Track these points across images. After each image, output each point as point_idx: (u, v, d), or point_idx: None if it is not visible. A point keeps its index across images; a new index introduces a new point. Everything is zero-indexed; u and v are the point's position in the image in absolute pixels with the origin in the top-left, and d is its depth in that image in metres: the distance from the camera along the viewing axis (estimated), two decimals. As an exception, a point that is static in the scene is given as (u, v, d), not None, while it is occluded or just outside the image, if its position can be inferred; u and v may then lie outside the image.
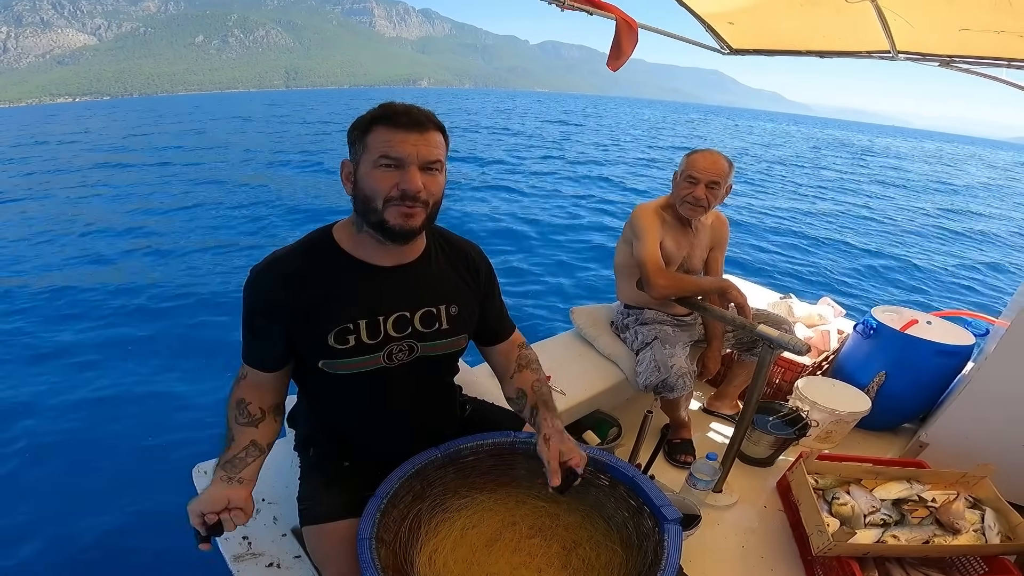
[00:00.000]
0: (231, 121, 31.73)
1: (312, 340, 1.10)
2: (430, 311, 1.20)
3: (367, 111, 1.05)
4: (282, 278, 1.09)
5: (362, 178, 1.04)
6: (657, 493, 1.16)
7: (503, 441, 1.31)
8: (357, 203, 1.08)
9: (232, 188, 11.72)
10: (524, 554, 1.18)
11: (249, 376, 1.16)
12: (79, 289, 5.75)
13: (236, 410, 1.14)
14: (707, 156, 2.04)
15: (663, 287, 1.99)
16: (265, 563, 1.37)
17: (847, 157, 27.38)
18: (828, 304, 3.17)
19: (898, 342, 2.33)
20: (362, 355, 1.13)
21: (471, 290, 1.30)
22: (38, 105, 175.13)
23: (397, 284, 1.16)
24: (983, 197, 17.23)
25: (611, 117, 46.83)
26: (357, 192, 1.06)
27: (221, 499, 1.03)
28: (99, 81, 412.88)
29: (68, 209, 9.74)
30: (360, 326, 1.12)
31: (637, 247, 2.07)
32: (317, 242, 1.14)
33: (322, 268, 1.11)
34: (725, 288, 2.01)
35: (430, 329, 1.21)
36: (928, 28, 1.92)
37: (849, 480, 1.90)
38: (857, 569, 1.52)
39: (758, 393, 1.76)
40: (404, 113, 1.01)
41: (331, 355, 1.11)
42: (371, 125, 1.02)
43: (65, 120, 36.94)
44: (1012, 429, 2.04)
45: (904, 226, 11.27)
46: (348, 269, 1.13)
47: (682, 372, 2.05)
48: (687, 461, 2.17)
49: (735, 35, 2.39)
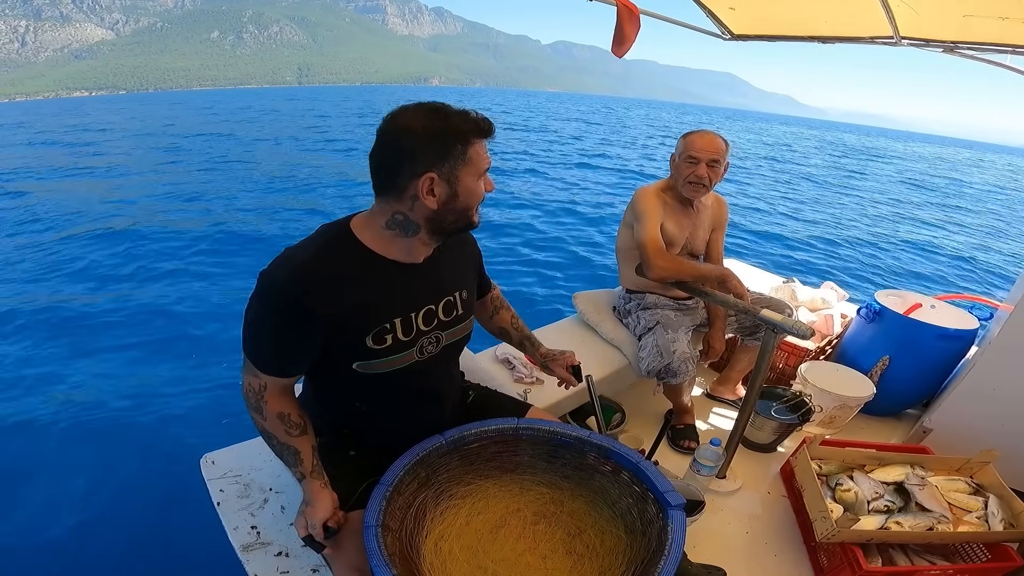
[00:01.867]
0: (268, 114, 32.98)
1: (350, 343, 1.09)
2: (449, 299, 1.23)
3: (439, 123, 1.00)
4: (316, 283, 1.03)
5: (466, 190, 1.06)
6: (661, 479, 1.16)
7: (507, 427, 1.32)
8: (445, 213, 1.07)
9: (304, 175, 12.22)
10: (529, 540, 1.19)
11: (270, 386, 1.12)
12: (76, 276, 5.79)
13: (283, 426, 1.13)
14: (704, 136, 2.04)
15: (662, 268, 1.99)
16: (274, 552, 1.39)
17: (861, 159, 27.26)
18: (831, 288, 3.17)
19: (901, 326, 2.33)
20: (398, 352, 1.15)
21: (472, 268, 1.37)
22: (55, 99, 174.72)
23: (424, 278, 1.17)
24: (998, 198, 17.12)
25: (632, 117, 46.47)
26: (453, 204, 1.06)
27: (331, 504, 1.13)
28: (116, 76, 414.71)
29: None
30: (396, 325, 1.13)
31: (638, 229, 2.07)
32: (342, 241, 1.10)
33: (356, 269, 1.08)
34: (726, 276, 2.01)
35: (450, 317, 1.24)
36: (931, 14, 1.90)
37: (853, 466, 1.90)
38: (860, 555, 1.53)
39: (761, 378, 1.76)
40: (487, 123, 1.05)
41: (368, 356, 1.11)
42: (469, 137, 1.03)
43: (117, 111, 38.14)
44: (1017, 415, 2.04)
45: (905, 213, 11.23)
46: (380, 268, 1.11)
47: (685, 357, 2.05)
48: (690, 447, 2.18)
49: (736, 20, 2.37)
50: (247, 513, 1.49)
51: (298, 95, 79.36)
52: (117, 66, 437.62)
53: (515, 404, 1.52)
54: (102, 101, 76.45)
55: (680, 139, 2.10)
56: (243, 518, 1.48)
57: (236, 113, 33.73)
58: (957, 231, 10.54)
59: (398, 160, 1.02)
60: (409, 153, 1.00)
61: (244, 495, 1.55)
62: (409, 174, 1.01)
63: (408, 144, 1.00)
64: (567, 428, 1.32)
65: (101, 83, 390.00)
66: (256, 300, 1.05)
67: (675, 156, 2.11)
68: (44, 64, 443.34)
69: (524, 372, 2.08)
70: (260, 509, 1.51)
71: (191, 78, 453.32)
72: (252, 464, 1.65)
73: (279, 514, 1.50)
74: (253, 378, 1.11)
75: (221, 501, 1.52)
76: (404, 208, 1.06)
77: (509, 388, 1.96)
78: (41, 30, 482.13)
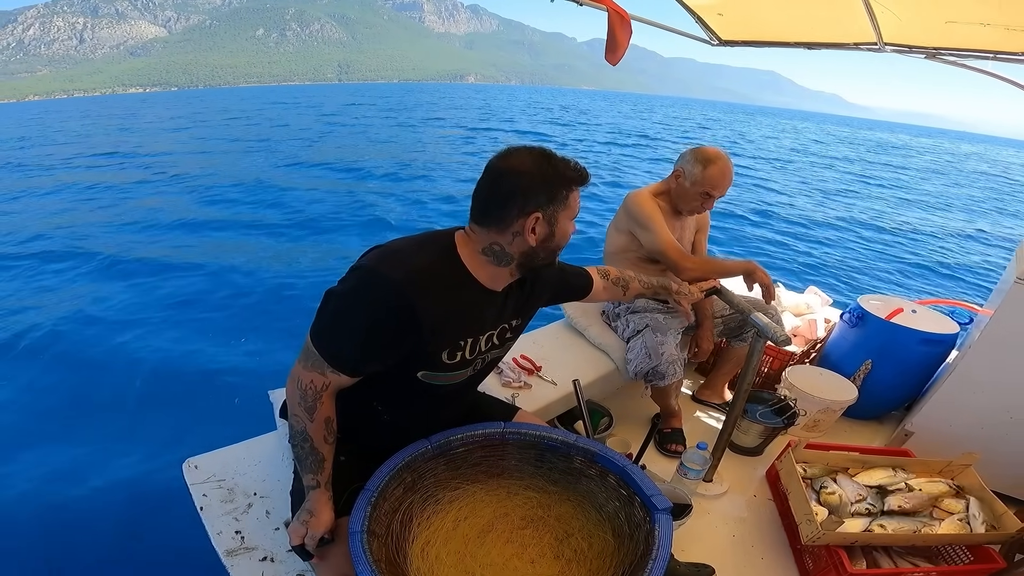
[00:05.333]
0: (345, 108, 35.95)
1: (428, 352, 1.12)
2: (505, 326, 1.28)
3: (549, 168, 1.08)
4: (428, 290, 1.06)
5: (562, 232, 1.15)
6: (648, 483, 1.16)
7: (493, 432, 1.32)
8: (539, 250, 1.14)
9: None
10: (517, 545, 1.19)
11: (333, 385, 1.10)
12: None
13: (325, 430, 1.12)
14: (724, 172, 2.01)
15: (692, 270, 2.01)
16: (259, 557, 1.37)
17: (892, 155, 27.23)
18: (815, 293, 3.20)
19: (883, 331, 2.35)
20: (462, 369, 1.22)
21: (532, 303, 1.38)
22: (111, 95, 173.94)
23: (497, 305, 1.23)
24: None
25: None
26: (549, 243, 1.14)
27: (332, 516, 1.14)
28: (168, 72, 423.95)
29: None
30: (467, 343, 1.18)
31: (649, 237, 2.07)
32: (449, 255, 1.14)
33: (455, 286, 1.12)
34: (751, 269, 2.02)
35: (502, 341, 1.31)
36: (914, 20, 1.93)
37: (836, 469, 1.92)
38: (845, 558, 1.54)
39: (748, 382, 1.77)
40: (586, 172, 1.13)
41: (437, 368, 1.16)
42: (573, 184, 1.12)
43: (206, 104, 41.39)
44: (996, 417, 2.07)
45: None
46: (471, 290, 1.15)
47: (672, 359, 2.06)
48: (677, 451, 2.19)
49: (724, 26, 2.39)
50: (231, 518, 1.47)
51: (352, 92, 79.88)
52: (169, 63, 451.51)
53: (503, 408, 1.53)
54: (169, 97, 77.82)
55: (694, 162, 2.02)
56: (227, 523, 1.46)
57: (346, 109, 36.85)
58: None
59: (511, 196, 1.08)
60: (523, 192, 1.07)
61: (228, 500, 1.52)
62: (518, 212, 1.08)
63: (524, 184, 1.07)
64: (554, 432, 1.32)
65: (155, 80, 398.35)
66: (354, 294, 1.05)
67: (683, 176, 2.06)
68: (101, 61, 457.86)
69: (512, 376, 2.07)
70: (244, 514, 1.49)
71: (238, 75, 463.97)
72: (236, 468, 1.63)
73: (264, 519, 1.48)
74: (318, 375, 1.08)
75: (204, 506, 1.50)
76: (503, 241, 1.12)
77: (497, 392, 1.96)
78: (98, 27, 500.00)
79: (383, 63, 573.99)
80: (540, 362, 2.17)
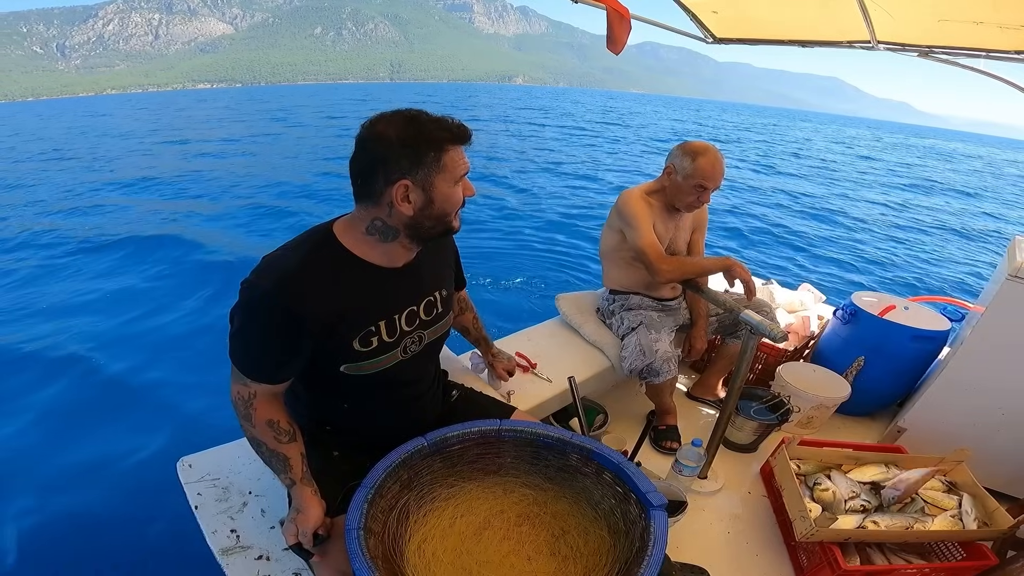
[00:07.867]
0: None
1: (338, 347, 1.11)
2: (429, 299, 1.26)
3: (411, 130, 1.01)
4: (302, 289, 1.04)
5: (442, 196, 1.07)
6: (643, 480, 1.17)
7: (489, 429, 1.31)
8: (422, 219, 1.08)
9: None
10: (513, 542, 1.19)
11: (260, 394, 1.12)
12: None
13: (272, 432, 1.13)
14: (715, 163, 2.00)
15: (667, 272, 2.01)
16: (254, 556, 1.37)
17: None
18: (808, 290, 3.21)
19: (875, 327, 2.36)
20: (384, 354, 1.18)
21: (450, 266, 1.40)
22: (182, 90, 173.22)
23: (405, 280, 1.20)
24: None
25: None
26: (428, 210, 1.07)
27: (321, 511, 1.14)
28: (233, 69, 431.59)
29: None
30: (380, 327, 1.16)
31: (632, 236, 2.08)
32: (325, 247, 1.11)
33: (340, 275, 1.09)
34: (729, 265, 2.01)
35: (431, 316, 1.28)
36: (907, 19, 1.93)
37: (830, 465, 1.93)
38: (839, 554, 1.55)
39: (742, 379, 1.78)
40: (462, 129, 1.06)
41: (355, 359, 1.14)
42: (444, 145, 1.04)
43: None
44: (987, 414, 2.09)
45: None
46: (363, 273, 1.13)
47: (667, 356, 2.07)
48: (672, 448, 2.20)
49: (719, 24, 2.39)
50: (226, 517, 1.47)
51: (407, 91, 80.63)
52: (235, 60, 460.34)
53: (499, 406, 1.54)
54: (239, 92, 78.06)
55: (683, 156, 2.02)
56: (222, 522, 1.45)
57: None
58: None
59: (373, 167, 1.03)
60: (383, 160, 1.02)
61: (223, 499, 1.52)
62: (384, 181, 1.03)
63: (382, 152, 1.02)
64: (549, 430, 1.31)
65: (221, 76, 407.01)
66: (241, 310, 1.05)
67: (675, 172, 2.05)
68: (174, 56, 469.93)
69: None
70: (240, 512, 1.48)
71: (296, 73, 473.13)
72: (231, 467, 1.62)
73: (259, 517, 1.47)
74: (242, 386, 1.11)
75: (199, 505, 1.49)
76: (382, 214, 1.08)
77: (493, 390, 1.95)
78: (172, 24, 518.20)
79: (433, 63, 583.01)
80: (535, 359, 2.17)
